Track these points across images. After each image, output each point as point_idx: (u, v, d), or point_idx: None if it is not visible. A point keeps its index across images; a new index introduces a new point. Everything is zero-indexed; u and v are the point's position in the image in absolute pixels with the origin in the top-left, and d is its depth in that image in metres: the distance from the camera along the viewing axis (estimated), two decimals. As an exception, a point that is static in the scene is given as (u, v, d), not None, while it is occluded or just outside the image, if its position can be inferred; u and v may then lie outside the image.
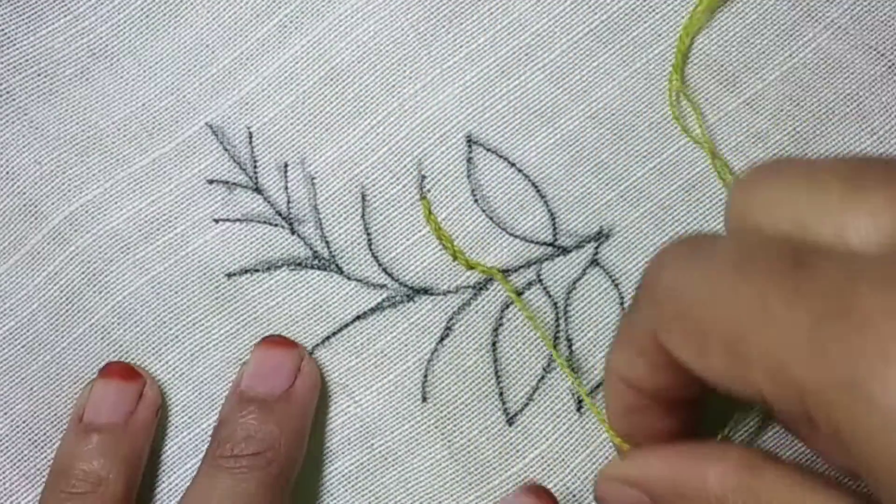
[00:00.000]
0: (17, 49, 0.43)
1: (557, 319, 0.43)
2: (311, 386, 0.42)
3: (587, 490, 0.42)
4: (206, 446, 0.42)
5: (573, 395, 0.42)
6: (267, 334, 0.43)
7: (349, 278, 0.43)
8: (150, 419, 0.42)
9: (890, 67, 0.42)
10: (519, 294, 0.43)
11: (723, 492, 0.33)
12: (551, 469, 0.42)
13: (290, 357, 0.42)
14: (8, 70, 0.43)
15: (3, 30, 0.43)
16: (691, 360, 0.30)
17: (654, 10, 0.43)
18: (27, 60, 0.43)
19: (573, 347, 0.42)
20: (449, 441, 0.42)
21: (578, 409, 0.42)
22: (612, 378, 0.35)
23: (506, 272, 0.43)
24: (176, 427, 0.43)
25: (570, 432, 0.42)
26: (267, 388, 0.41)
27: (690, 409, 0.35)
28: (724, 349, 0.28)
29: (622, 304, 0.42)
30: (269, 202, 0.43)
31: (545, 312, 0.43)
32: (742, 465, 0.33)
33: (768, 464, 0.32)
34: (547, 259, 0.43)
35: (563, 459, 0.42)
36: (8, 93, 0.43)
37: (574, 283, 0.43)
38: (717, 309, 0.28)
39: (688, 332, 0.29)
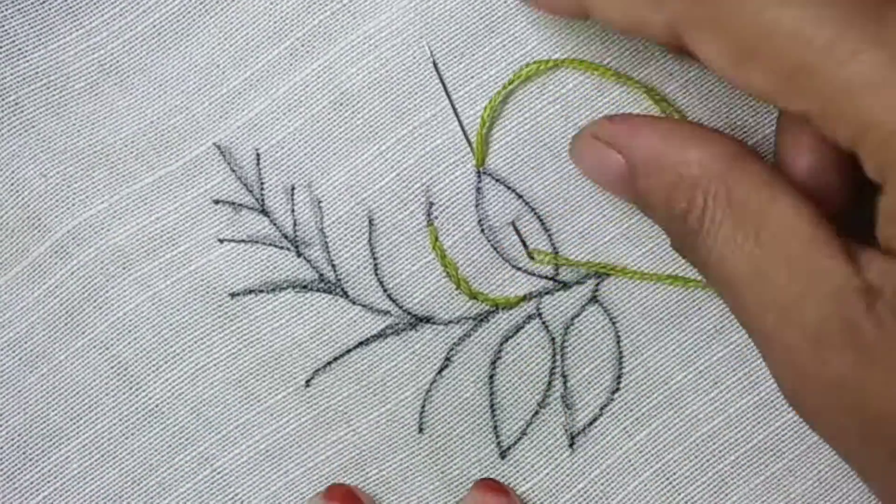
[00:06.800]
0: (28, 61, 0.42)
1: (554, 355, 0.43)
2: None
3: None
4: (201, 470, 0.43)
5: (566, 430, 0.43)
6: (484, 477, 0.42)
7: (354, 303, 0.43)
8: None
9: None
10: (518, 328, 0.43)
11: (699, 175, 0.34)
12: (542, 503, 0.42)
13: None
14: (17, 82, 0.42)
15: (14, 41, 0.42)
16: (723, 67, 0.31)
17: (665, 50, 0.43)
18: (37, 73, 0.42)
19: (568, 384, 0.43)
20: (442, 472, 0.43)
21: (571, 446, 0.43)
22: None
23: (506, 304, 0.43)
24: (171, 448, 0.43)
25: (561, 468, 0.42)
26: None
27: None
28: (774, 69, 0.30)
29: (618, 342, 0.43)
30: (275, 224, 0.43)
31: (543, 347, 0.43)
32: (724, 153, 0.34)
33: (748, 160, 0.34)
34: (548, 293, 0.43)
35: (553, 494, 0.42)
36: (16, 104, 0.42)
37: (573, 318, 0.43)
38: (780, 35, 0.29)
39: (727, 42, 0.31)
